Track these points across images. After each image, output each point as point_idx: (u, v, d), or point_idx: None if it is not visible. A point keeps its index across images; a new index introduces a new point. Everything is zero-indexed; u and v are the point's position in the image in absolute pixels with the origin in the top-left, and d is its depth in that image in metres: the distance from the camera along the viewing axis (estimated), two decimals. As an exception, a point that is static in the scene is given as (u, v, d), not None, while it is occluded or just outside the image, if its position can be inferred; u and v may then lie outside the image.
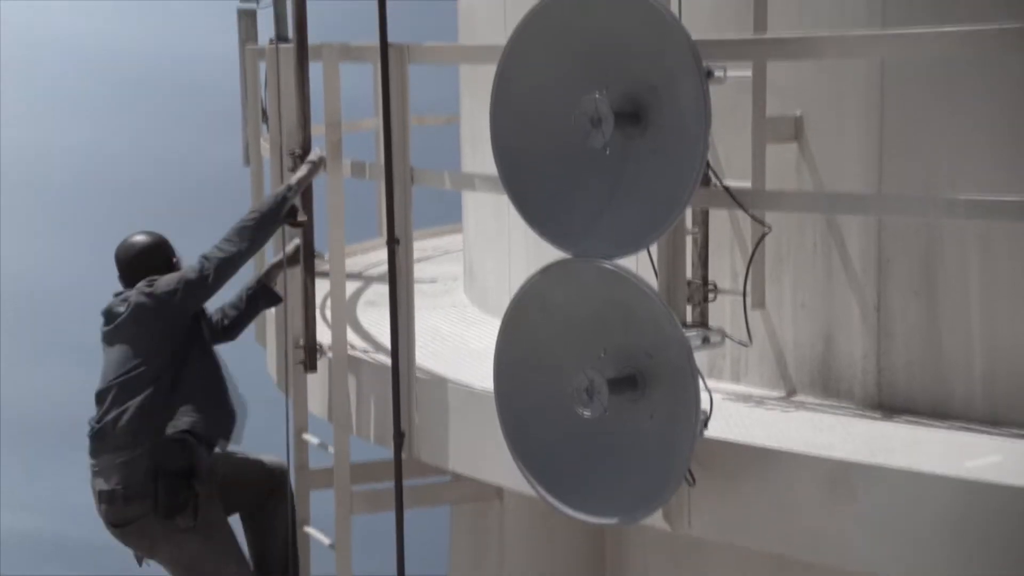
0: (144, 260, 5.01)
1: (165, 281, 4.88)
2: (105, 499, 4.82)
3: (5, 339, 22.14)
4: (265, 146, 6.10)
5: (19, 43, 26.57)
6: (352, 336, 5.31)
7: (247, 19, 6.98)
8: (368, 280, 6.65)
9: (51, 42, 27.71)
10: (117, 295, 5.01)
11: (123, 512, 4.80)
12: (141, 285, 4.90)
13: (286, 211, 4.90)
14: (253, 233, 4.83)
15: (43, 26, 27.65)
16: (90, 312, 5.04)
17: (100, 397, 4.88)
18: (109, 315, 4.96)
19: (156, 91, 25.20)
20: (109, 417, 4.81)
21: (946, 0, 3.99)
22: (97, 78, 26.86)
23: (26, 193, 25.62)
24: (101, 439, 4.83)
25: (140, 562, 5.04)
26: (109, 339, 4.93)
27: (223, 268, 4.81)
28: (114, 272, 5.08)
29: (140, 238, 5.09)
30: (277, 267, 5.25)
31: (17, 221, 24.82)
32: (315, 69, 5.05)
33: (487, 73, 3.97)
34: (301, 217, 4.96)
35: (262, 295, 5.24)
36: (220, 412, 4.99)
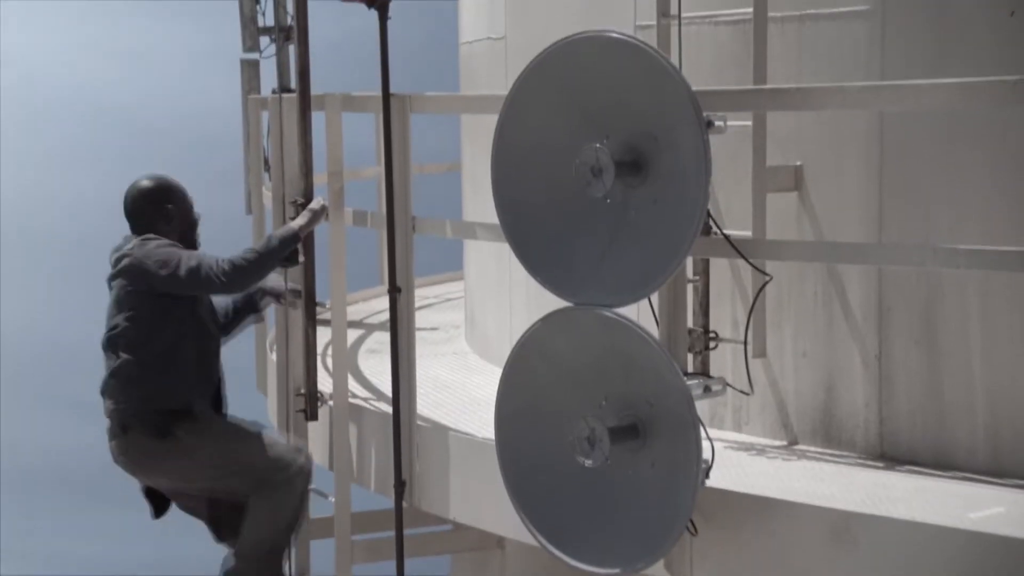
0: (144, 206, 4.87)
1: (158, 255, 4.73)
2: (111, 436, 4.79)
3: (5, 392, 22.13)
4: (267, 195, 6.13)
5: (23, 95, 26.72)
6: (353, 384, 5.30)
7: (250, 69, 7.03)
8: (369, 328, 6.65)
9: (54, 94, 27.86)
10: (126, 237, 4.92)
11: (125, 440, 4.74)
12: (136, 243, 4.80)
13: (285, 255, 4.89)
14: (247, 272, 4.74)
15: (46, 78, 27.82)
16: (90, 366, 5.02)
17: (103, 348, 4.86)
18: (113, 260, 4.89)
19: (158, 143, 25.31)
20: (106, 373, 4.79)
21: (945, 47, 4.02)
22: (99, 130, 26.98)
23: (28, 245, 25.68)
24: (103, 395, 4.83)
25: (159, 513, 4.98)
26: (109, 286, 4.88)
27: (205, 284, 4.72)
28: None
29: (144, 183, 4.94)
30: (269, 292, 5.21)
31: (18, 274, 24.86)
32: (317, 118, 5.08)
33: (488, 122, 4.00)
34: (301, 258, 4.96)
35: (246, 307, 5.19)
36: (209, 399, 4.89)
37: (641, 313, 4.00)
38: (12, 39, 26.33)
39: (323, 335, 5.23)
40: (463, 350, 6.19)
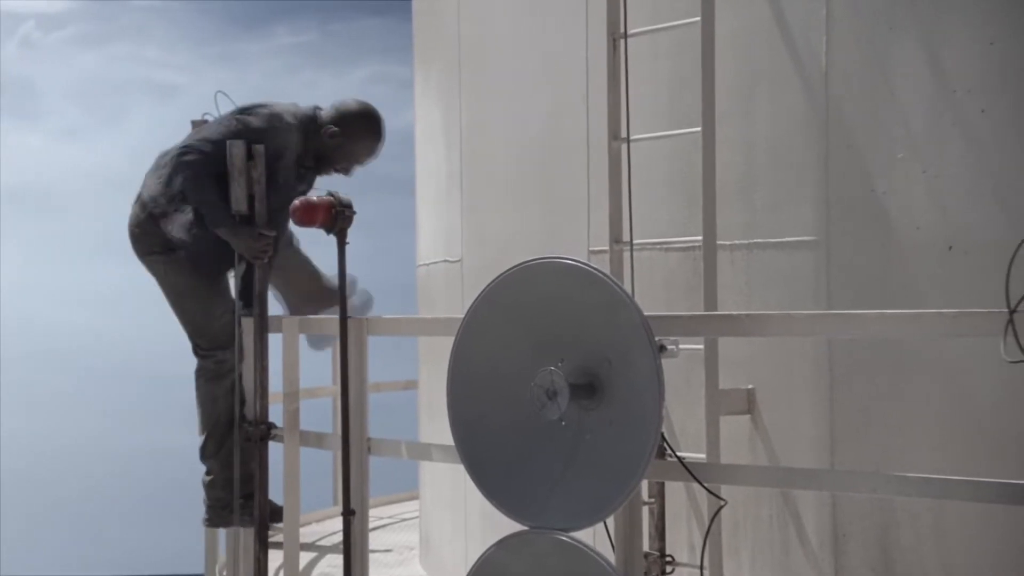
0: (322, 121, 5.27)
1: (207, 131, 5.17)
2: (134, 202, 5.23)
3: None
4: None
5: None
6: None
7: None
8: (322, 551, 6.54)
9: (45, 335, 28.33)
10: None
11: (136, 214, 5.20)
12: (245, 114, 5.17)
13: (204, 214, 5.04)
14: (190, 178, 5.04)
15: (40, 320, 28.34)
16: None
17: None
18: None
19: (126, 383, 25.55)
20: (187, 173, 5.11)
21: (888, 277, 4.13)
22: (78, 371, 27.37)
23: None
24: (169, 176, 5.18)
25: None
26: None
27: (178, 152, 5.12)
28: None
29: (361, 107, 5.33)
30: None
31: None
32: (274, 339, 5.11)
33: (444, 342, 4.04)
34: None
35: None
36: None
37: (597, 536, 3.96)
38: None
39: (275, 558, 5.13)
40: (418, 573, 6.08)
